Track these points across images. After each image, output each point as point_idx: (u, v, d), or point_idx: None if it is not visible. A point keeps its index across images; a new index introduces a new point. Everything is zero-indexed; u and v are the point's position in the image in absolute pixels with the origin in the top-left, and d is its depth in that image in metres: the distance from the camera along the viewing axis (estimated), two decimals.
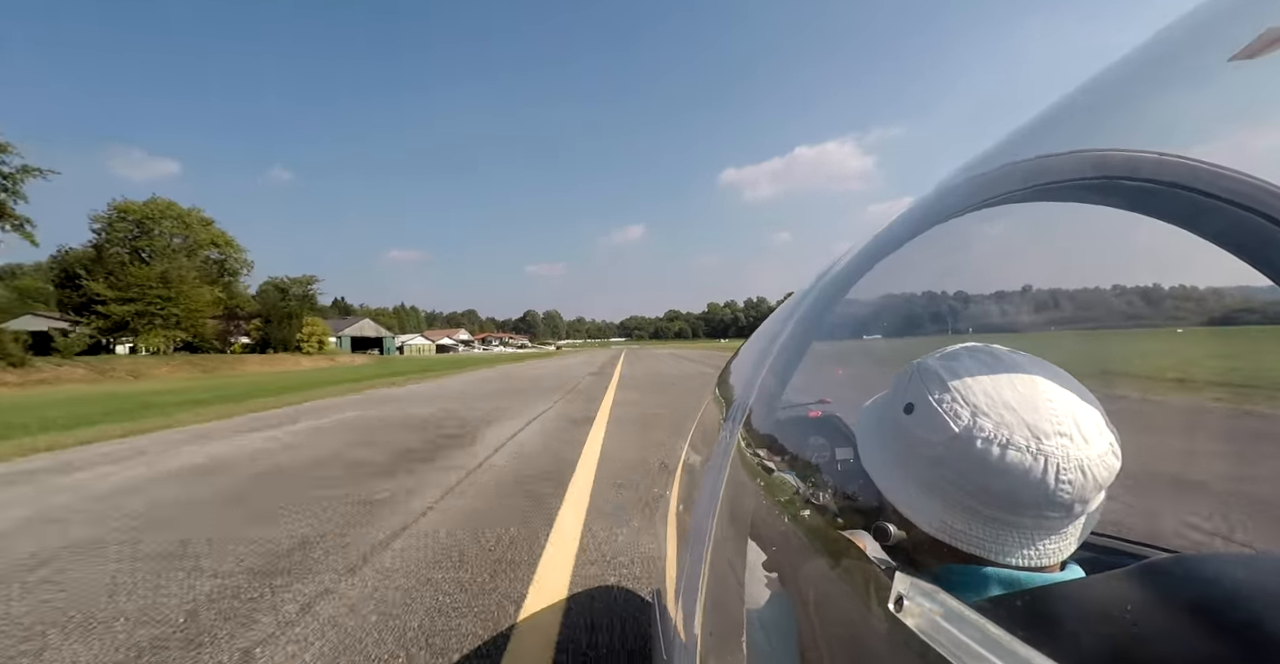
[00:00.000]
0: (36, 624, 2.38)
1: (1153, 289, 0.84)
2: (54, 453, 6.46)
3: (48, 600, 2.61)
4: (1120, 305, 0.89)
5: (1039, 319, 0.94)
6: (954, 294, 1.04)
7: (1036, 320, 0.94)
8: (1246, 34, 0.44)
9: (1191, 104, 0.58)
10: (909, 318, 1.02)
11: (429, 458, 5.68)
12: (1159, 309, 0.82)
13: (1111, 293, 0.90)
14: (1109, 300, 0.90)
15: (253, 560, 3.00)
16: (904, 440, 0.58)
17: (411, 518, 3.68)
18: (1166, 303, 0.82)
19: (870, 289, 0.94)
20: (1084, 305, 0.93)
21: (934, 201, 0.80)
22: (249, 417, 9.66)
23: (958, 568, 0.53)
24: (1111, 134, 0.63)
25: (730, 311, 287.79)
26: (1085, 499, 0.49)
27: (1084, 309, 0.93)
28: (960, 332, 1.04)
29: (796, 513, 0.65)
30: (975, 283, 1.03)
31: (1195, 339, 0.85)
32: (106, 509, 4.10)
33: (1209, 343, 0.82)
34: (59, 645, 2.20)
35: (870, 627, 0.45)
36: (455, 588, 2.60)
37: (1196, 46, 0.52)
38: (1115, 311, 0.89)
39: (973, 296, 1.04)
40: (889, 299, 1.04)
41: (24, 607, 2.55)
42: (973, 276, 1.01)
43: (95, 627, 2.33)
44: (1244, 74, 0.45)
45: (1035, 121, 0.70)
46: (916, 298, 1.03)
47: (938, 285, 1.06)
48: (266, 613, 2.40)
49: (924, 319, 1.04)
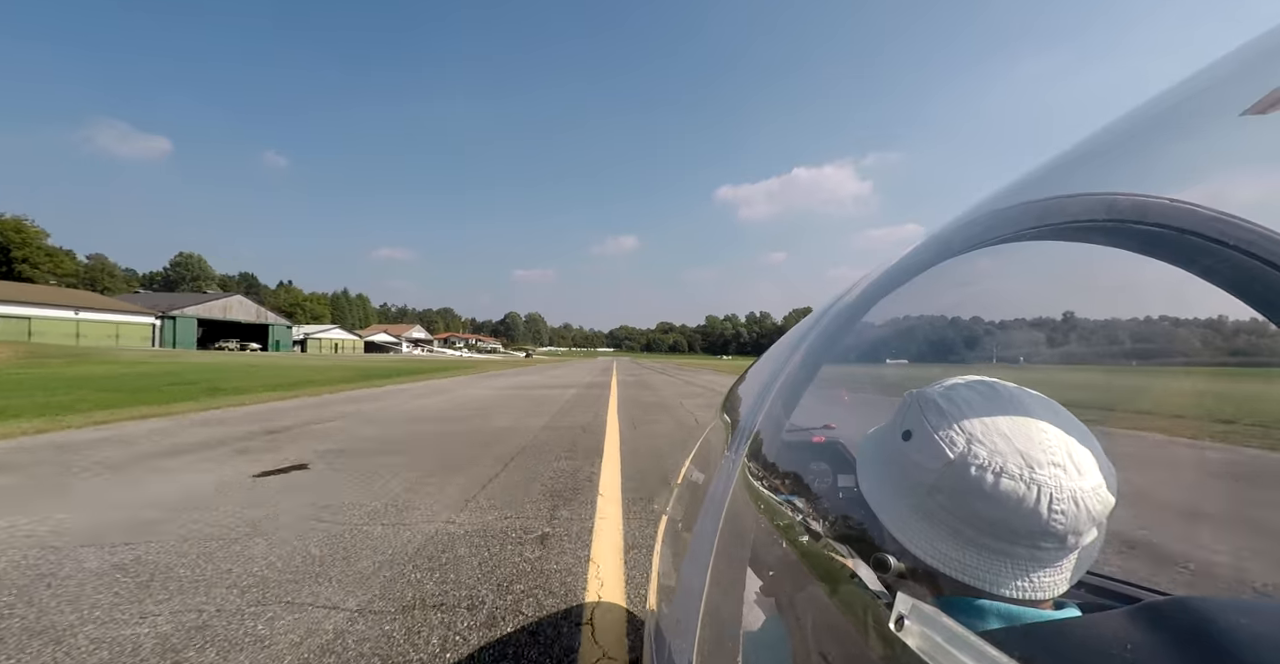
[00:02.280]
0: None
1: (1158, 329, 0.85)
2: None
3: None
4: (1126, 344, 0.90)
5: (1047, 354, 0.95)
6: (965, 326, 1.05)
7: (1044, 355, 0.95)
8: (1257, 91, 0.45)
9: (1202, 154, 0.59)
10: (920, 347, 1.03)
11: None
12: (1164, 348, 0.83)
13: (1118, 331, 0.91)
14: (1115, 338, 0.91)
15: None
16: (901, 466, 0.59)
17: None
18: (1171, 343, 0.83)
19: (884, 317, 0.95)
20: (1091, 342, 0.94)
21: (951, 234, 0.82)
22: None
23: (954, 599, 0.54)
24: (1123, 179, 0.65)
25: (731, 326, 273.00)
26: (1079, 531, 0.50)
27: (1091, 346, 0.94)
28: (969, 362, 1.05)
29: (796, 539, 0.65)
30: (987, 316, 1.05)
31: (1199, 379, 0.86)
32: None
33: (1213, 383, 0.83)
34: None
35: (867, 652, 0.46)
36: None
37: (1210, 100, 0.54)
38: (1122, 350, 0.90)
39: (983, 329, 1.05)
40: (902, 327, 1.05)
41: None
42: (984, 310, 1.02)
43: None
44: (1253, 128, 0.46)
45: (1053, 162, 0.72)
46: (929, 328, 1.04)
47: (950, 316, 1.07)
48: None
49: (934, 349, 1.05)
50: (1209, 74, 0.54)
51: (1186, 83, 0.56)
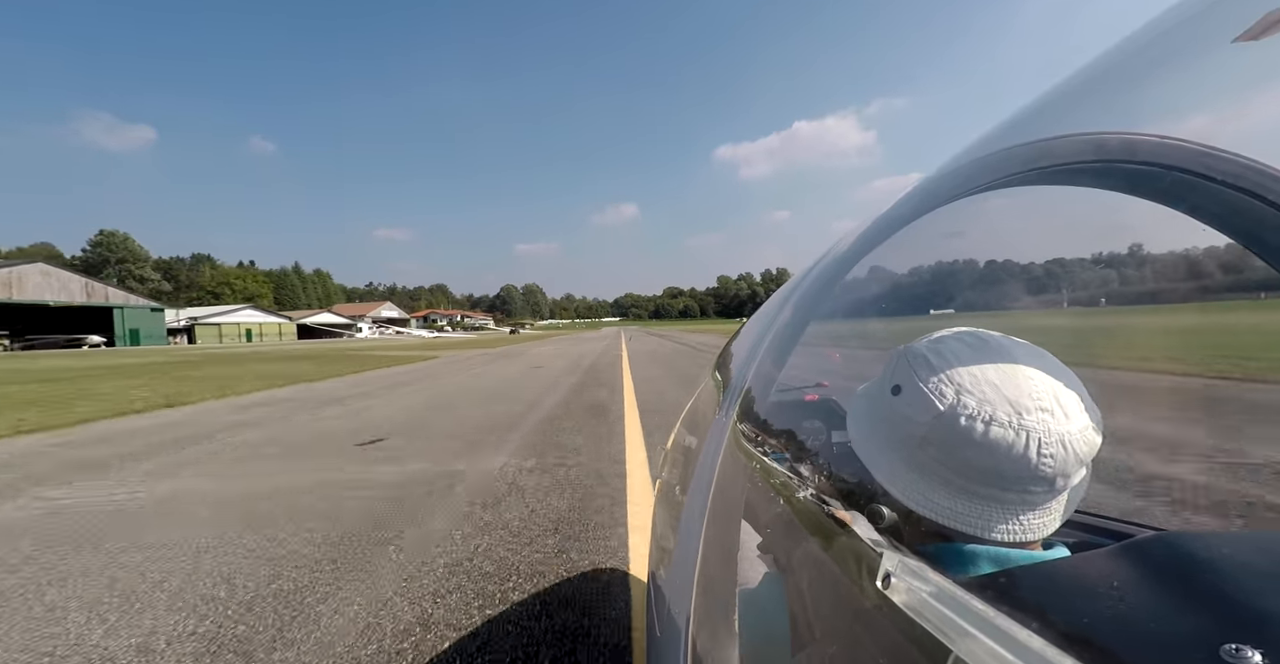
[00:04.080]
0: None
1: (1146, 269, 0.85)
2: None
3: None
4: (1114, 286, 0.90)
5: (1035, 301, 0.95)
6: (953, 276, 1.05)
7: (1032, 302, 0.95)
8: (1249, 16, 0.43)
9: (1193, 85, 0.57)
10: (908, 300, 1.03)
11: None
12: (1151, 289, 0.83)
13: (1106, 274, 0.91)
14: (1103, 281, 0.90)
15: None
16: (891, 421, 0.60)
17: None
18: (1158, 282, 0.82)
19: (870, 271, 0.94)
20: (1079, 287, 0.94)
21: (935, 185, 0.80)
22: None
23: (946, 546, 0.55)
24: (1113, 117, 0.63)
25: (747, 285, 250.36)
26: (1067, 474, 0.51)
27: (1078, 290, 0.94)
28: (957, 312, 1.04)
29: (791, 495, 0.66)
30: (975, 265, 1.04)
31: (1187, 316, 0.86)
32: None
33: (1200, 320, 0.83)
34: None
35: (860, 605, 0.47)
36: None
37: (1199, 28, 0.52)
38: (1109, 292, 0.90)
39: (972, 279, 1.04)
40: (889, 281, 1.04)
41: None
42: (972, 259, 1.01)
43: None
44: (1247, 56, 0.45)
45: (1038, 103, 0.69)
46: (916, 280, 1.04)
47: (938, 268, 1.06)
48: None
49: (922, 301, 1.04)
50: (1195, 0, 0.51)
51: (1176, 8, 0.53)
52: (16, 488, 4.49)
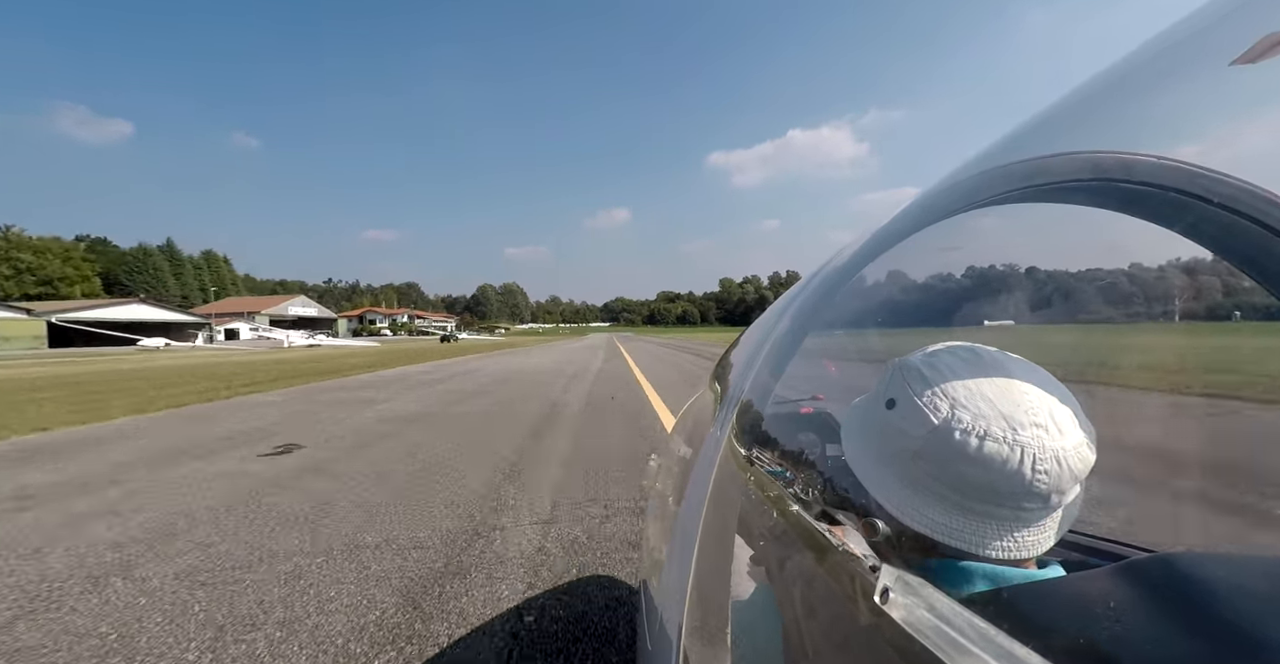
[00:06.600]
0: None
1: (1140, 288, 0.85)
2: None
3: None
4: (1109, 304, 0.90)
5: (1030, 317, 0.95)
6: (950, 291, 1.05)
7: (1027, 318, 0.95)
8: (1247, 38, 0.44)
9: (1191, 107, 0.58)
10: (905, 313, 1.03)
11: None
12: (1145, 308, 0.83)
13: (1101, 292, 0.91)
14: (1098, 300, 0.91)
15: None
16: (886, 435, 0.59)
17: None
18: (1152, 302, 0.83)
19: (868, 284, 0.94)
20: (1074, 304, 0.94)
21: (933, 199, 0.80)
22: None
23: (940, 563, 0.54)
24: (1110, 136, 0.63)
25: (753, 289, 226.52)
26: (1061, 490, 0.50)
27: (1074, 308, 0.94)
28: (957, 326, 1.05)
29: (786, 508, 0.65)
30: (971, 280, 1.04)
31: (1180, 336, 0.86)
32: None
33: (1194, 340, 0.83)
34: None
35: (855, 620, 0.46)
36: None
37: (1197, 49, 0.52)
38: (1104, 310, 0.90)
39: (968, 293, 1.04)
40: (886, 295, 1.05)
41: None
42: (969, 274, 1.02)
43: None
44: (1245, 78, 0.45)
45: (1035, 121, 0.70)
46: (913, 294, 1.04)
47: (935, 282, 1.07)
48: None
49: (919, 315, 1.04)
50: (1197, 19, 0.52)
51: (1174, 29, 0.54)
52: None
